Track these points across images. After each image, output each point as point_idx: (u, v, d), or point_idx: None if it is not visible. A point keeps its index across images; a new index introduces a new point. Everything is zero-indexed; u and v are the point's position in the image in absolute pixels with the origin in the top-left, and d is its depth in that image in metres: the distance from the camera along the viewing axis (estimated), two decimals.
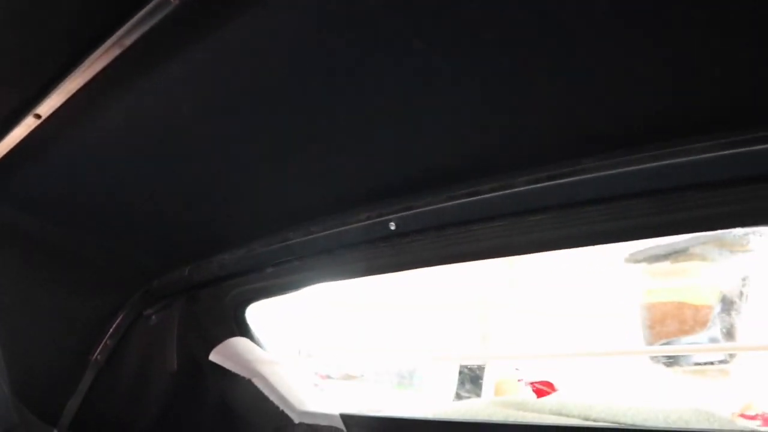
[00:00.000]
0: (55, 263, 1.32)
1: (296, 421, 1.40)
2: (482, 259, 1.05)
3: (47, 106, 0.88)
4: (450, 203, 0.97)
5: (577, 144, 0.86)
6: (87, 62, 0.77)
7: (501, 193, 0.92)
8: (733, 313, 3.93)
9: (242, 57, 0.78)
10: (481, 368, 4.85)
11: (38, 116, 0.91)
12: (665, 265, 4.35)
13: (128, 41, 0.72)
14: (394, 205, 1.03)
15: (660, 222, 0.85)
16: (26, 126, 0.93)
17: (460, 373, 4.69)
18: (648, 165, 0.81)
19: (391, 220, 1.03)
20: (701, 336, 4.09)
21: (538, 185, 0.88)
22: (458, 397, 4.39)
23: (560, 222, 0.92)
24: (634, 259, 4.34)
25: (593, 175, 0.85)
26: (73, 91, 0.84)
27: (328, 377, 4.37)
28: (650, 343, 4.34)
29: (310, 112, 0.88)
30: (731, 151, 0.75)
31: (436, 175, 0.97)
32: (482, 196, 0.94)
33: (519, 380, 4.11)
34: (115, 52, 0.74)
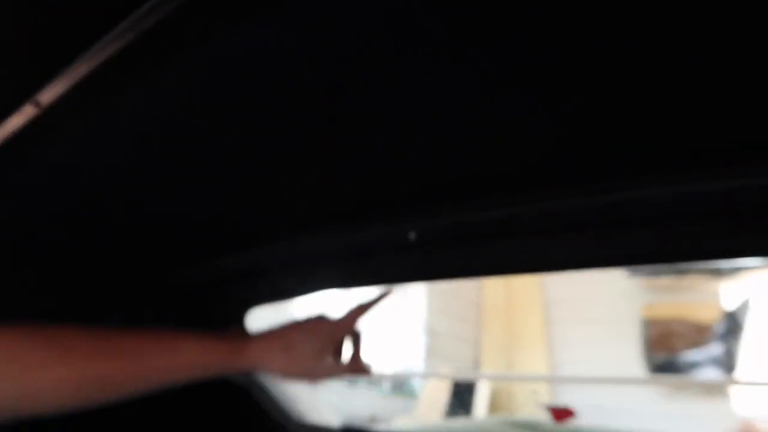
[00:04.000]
0: (53, 259, 1.26)
1: None
2: (506, 275, 0.99)
3: (49, 94, 0.82)
4: (477, 215, 0.91)
5: (614, 161, 0.80)
6: (94, 48, 0.71)
7: (533, 206, 0.86)
8: (736, 330, 3.90)
9: (264, 54, 0.72)
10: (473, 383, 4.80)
11: (38, 104, 0.85)
12: (668, 281, 4.31)
13: (141, 28, 0.66)
14: (415, 214, 0.97)
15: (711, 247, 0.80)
16: (24, 114, 0.87)
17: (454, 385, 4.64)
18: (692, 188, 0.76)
19: (411, 230, 0.97)
20: (702, 353, 4.05)
21: (575, 202, 0.83)
22: (450, 405, 4.33)
23: (596, 241, 0.86)
24: (637, 273, 4.30)
25: (634, 194, 0.80)
26: (78, 78, 0.77)
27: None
28: (650, 356, 4.30)
29: (330, 114, 0.82)
30: None
31: (463, 185, 0.91)
32: (512, 210, 0.88)
33: (537, 403, 4.07)
34: (128, 37, 0.68)
